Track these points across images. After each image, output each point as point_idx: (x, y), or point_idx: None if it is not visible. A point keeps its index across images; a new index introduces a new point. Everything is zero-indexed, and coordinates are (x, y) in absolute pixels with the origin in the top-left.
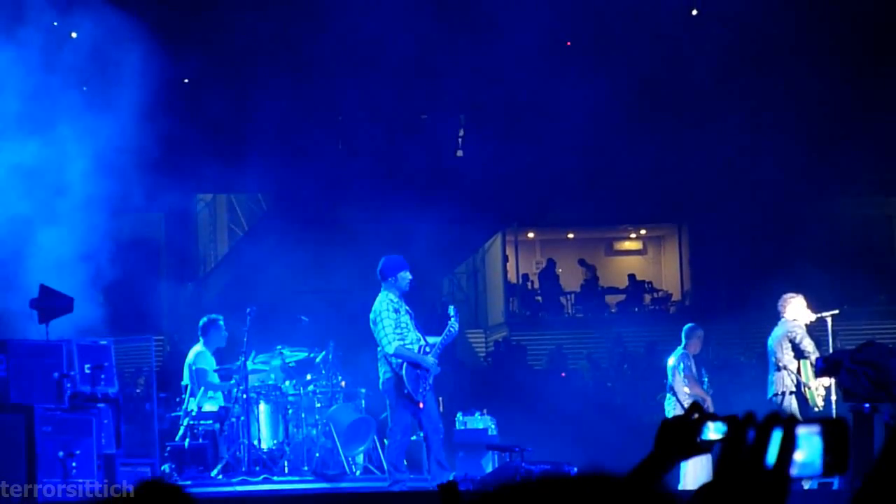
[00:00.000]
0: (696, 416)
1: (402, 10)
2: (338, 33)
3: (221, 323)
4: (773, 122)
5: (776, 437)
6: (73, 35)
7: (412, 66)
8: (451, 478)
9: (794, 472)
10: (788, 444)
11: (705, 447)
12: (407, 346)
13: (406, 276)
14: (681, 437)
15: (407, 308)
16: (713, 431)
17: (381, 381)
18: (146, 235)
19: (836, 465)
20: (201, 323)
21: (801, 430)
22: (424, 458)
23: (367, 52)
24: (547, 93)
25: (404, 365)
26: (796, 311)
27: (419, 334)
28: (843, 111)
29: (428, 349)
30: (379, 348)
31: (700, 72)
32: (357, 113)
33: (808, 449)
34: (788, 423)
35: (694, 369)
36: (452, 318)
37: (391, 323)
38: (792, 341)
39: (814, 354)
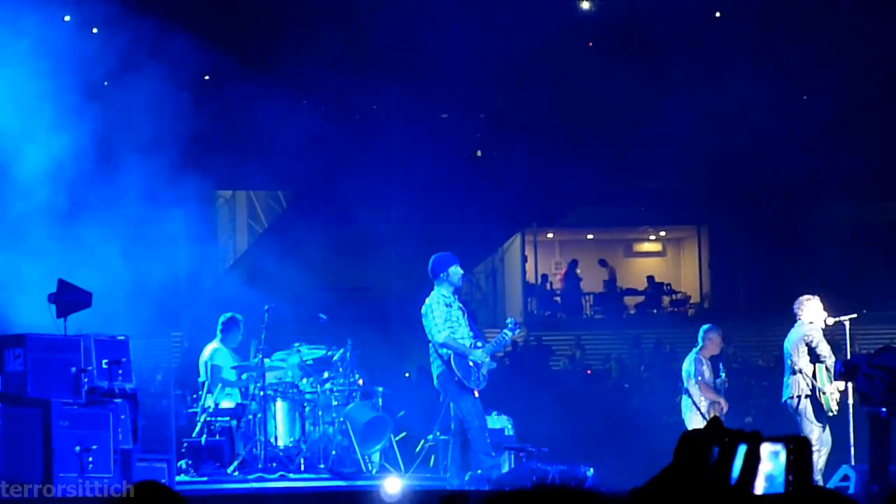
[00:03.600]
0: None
1: (425, 9)
2: (358, 29)
3: (241, 324)
4: (794, 122)
5: (741, 452)
6: (94, 31)
7: (433, 65)
8: (498, 462)
9: (757, 488)
10: (752, 461)
11: None
12: (455, 338)
13: (457, 270)
14: (700, 450)
15: (460, 305)
16: None
17: (435, 377)
18: (166, 231)
19: (798, 483)
20: (222, 319)
21: (766, 448)
22: (443, 456)
23: (388, 49)
24: (567, 91)
25: (452, 355)
26: (813, 314)
27: (471, 332)
28: (863, 115)
29: (479, 345)
30: (430, 345)
31: (723, 80)
32: (377, 112)
33: (773, 466)
34: (753, 440)
35: (708, 373)
36: (509, 326)
37: (442, 315)
38: (808, 345)
39: (829, 359)
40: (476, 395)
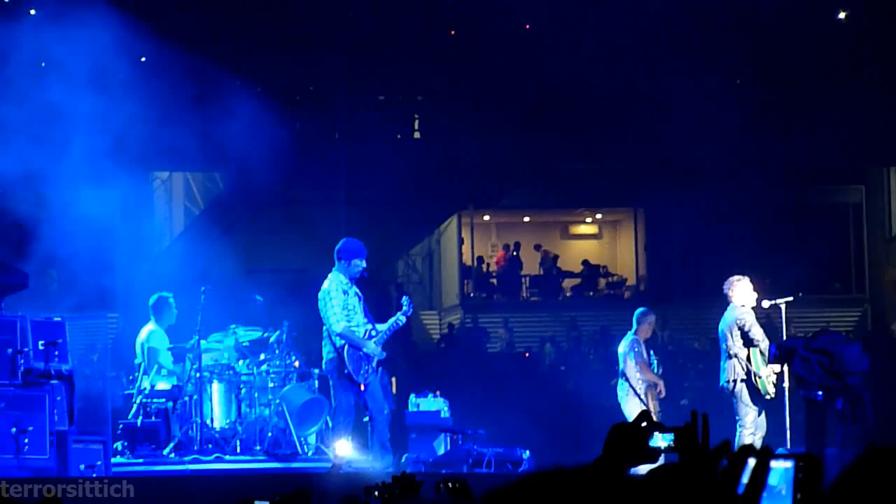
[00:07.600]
0: (645, 424)
1: None
2: (296, 9)
3: (172, 301)
4: (728, 108)
5: (748, 467)
6: (32, 12)
7: (371, 45)
8: (391, 461)
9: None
10: (760, 476)
11: (653, 455)
12: (352, 328)
13: (360, 264)
14: (629, 443)
15: (356, 291)
16: (660, 440)
17: (324, 361)
18: (101, 212)
19: (807, 501)
20: (151, 301)
21: (775, 464)
22: (369, 439)
23: (326, 29)
24: (504, 73)
25: (346, 346)
26: (743, 294)
27: (366, 319)
28: (800, 100)
29: (374, 333)
30: (325, 327)
31: (659, 61)
32: (314, 93)
33: (780, 482)
34: (762, 456)
35: (645, 354)
36: (404, 308)
37: (340, 302)
38: (741, 329)
39: (763, 342)
40: (362, 388)
